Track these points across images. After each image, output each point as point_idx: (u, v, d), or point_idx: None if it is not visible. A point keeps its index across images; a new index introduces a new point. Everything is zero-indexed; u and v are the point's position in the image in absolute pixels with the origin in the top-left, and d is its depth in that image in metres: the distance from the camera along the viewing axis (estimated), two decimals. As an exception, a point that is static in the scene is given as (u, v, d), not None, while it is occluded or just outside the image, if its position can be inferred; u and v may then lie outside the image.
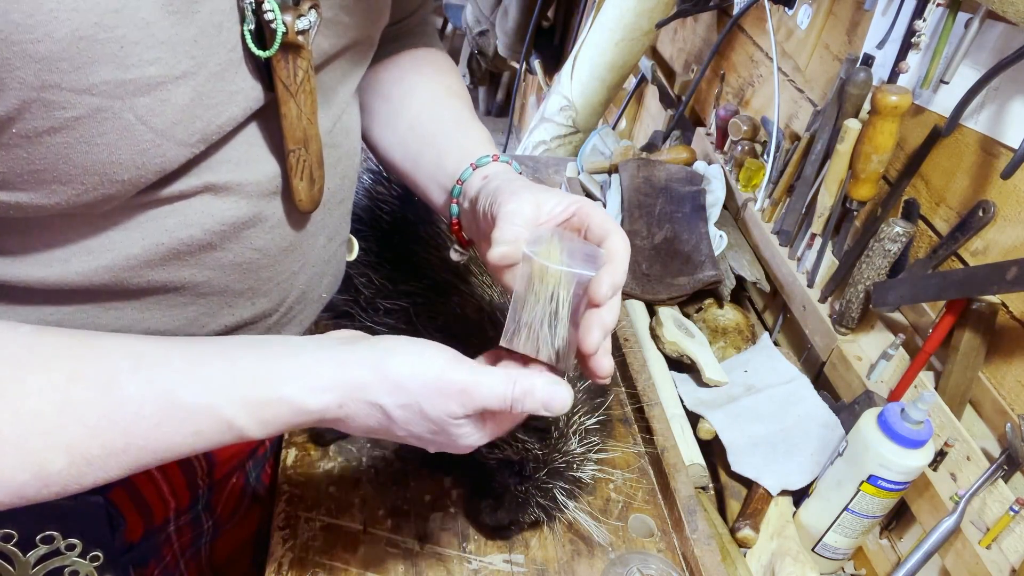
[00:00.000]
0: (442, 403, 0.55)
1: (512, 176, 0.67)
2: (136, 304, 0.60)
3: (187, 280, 0.60)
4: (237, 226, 0.60)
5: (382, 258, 0.91)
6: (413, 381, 0.55)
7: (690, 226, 1.23)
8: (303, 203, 0.63)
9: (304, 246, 0.69)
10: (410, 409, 0.55)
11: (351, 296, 0.94)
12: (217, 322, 0.65)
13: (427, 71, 0.82)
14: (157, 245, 0.57)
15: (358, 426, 0.57)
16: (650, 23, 1.68)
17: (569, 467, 0.78)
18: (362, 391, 0.55)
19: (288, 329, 0.73)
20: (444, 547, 0.79)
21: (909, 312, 1.00)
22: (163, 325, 0.62)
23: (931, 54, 0.93)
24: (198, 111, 0.51)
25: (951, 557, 0.80)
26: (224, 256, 0.61)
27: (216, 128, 0.54)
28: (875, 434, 0.82)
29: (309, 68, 0.56)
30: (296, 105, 0.57)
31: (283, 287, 0.69)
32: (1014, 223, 0.84)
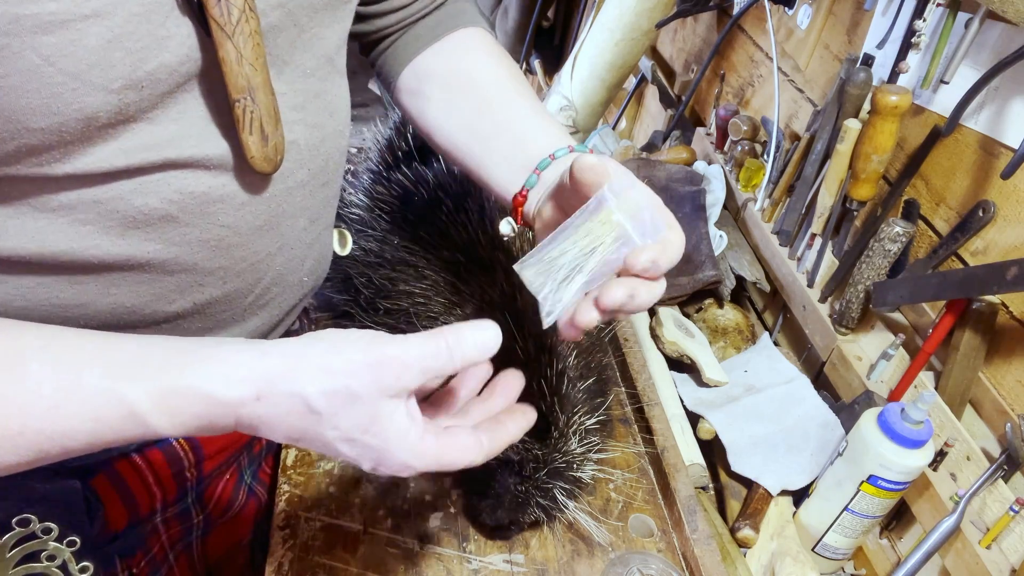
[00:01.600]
0: (373, 378, 0.50)
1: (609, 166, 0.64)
2: (99, 279, 0.58)
3: (152, 256, 0.59)
4: (199, 199, 0.59)
5: (382, 258, 0.91)
6: (339, 359, 0.50)
7: (690, 226, 1.23)
8: (255, 160, 0.58)
9: (282, 226, 0.67)
10: (338, 396, 0.50)
11: (351, 296, 0.94)
12: (186, 299, 0.63)
13: (482, 56, 0.80)
14: (112, 212, 0.55)
15: (280, 428, 0.51)
16: (650, 23, 1.68)
17: (569, 467, 0.78)
18: (282, 380, 0.50)
19: (264, 312, 0.72)
20: (444, 547, 0.79)
21: (909, 312, 1.00)
22: (128, 300, 0.61)
23: (931, 54, 0.93)
24: (117, 54, 0.49)
25: (951, 557, 0.80)
26: (190, 232, 0.60)
27: (145, 75, 0.51)
28: (875, 434, 0.82)
29: (248, 8, 0.53)
30: (234, 47, 0.53)
31: (258, 268, 0.67)
32: (1014, 223, 0.84)
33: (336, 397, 0.50)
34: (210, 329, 0.68)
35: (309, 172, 0.67)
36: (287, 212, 0.67)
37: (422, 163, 1.04)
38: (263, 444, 0.89)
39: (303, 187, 0.67)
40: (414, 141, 1.07)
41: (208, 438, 0.78)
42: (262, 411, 0.50)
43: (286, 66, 0.62)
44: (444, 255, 0.87)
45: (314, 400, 0.50)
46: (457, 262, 0.86)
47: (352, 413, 0.50)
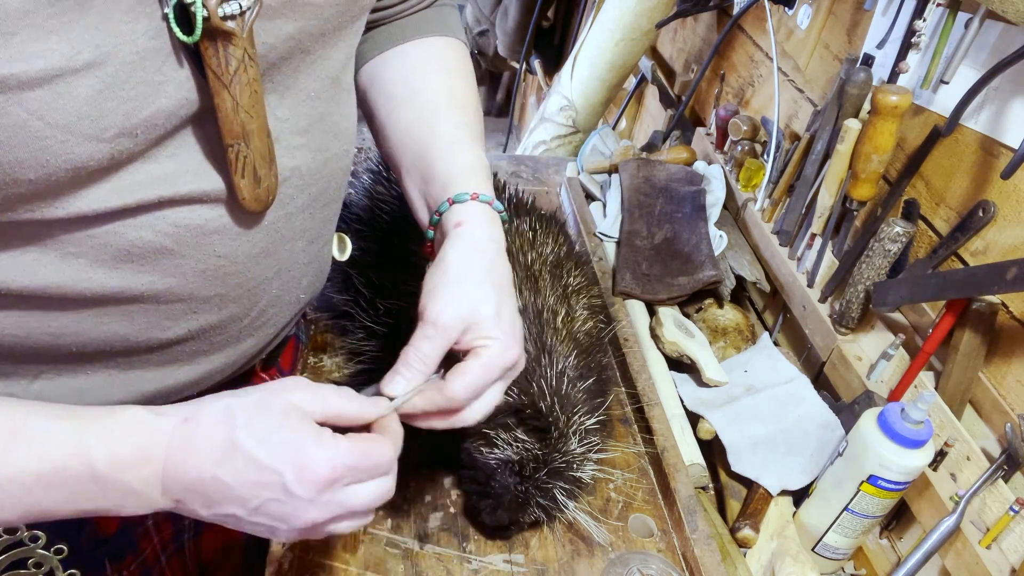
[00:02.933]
0: (286, 396, 0.55)
1: (463, 255, 0.66)
2: (92, 309, 0.58)
3: (146, 288, 0.59)
4: (195, 231, 0.58)
5: (382, 258, 0.91)
6: (254, 388, 0.56)
7: (690, 226, 1.23)
8: (247, 202, 0.59)
9: (280, 251, 0.67)
10: (254, 405, 0.54)
11: (351, 296, 0.94)
12: (180, 326, 0.63)
13: (432, 70, 0.79)
14: (105, 246, 0.55)
15: (204, 447, 0.53)
16: (650, 23, 1.68)
17: (569, 467, 0.78)
18: (207, 402, 0.55)
19: (260, 332, 0.72)
20: (444, 547, 0.79)
21: (909, 312, 1.00)
22: (122, 329, 0.60)
23: (931, 54, 0.93)
24: (110, 104, 0.48)
25: (951, 557, 0.80)
26: (185, 263, 0.59)
27: (140, 121, 0.50)
28: (875, 434, 0.82)
29: (246, 57, 0.53)
30: (231, 96, 0.53)
31: (254, 292, 0.67)
32: (1014, 223, 0.84)
33: (253, 405, 0.54)
34: (204, 352, 0.68)
35: (310, 196, 0.67)
36: (285, 237, 0.67)
37: (422, 163, 1.04)
38: None
39: (303, 211, 0.67)
40: (414, 141, 1.07)
41: None
42: (187, 434, 0.53)
43: (289, 91, 0.61)
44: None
45: (234, 407, 0.54)
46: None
47: (265, 417, 0.54)
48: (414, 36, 0.80)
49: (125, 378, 0.64)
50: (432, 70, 0.79)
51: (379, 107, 0.78)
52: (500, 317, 0.63)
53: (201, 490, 0.53)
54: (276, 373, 0.86)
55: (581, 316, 0.89)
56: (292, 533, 0.56)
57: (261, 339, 0.72)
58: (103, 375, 0.63)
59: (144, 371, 0.65)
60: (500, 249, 0.69)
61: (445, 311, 0.62)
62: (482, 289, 0.63)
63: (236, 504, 0.54)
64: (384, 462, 0.57)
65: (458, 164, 0.72)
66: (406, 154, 0.75)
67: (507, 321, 0.64)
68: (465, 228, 0.67)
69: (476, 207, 0.68)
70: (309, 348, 0.98)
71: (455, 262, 0.64)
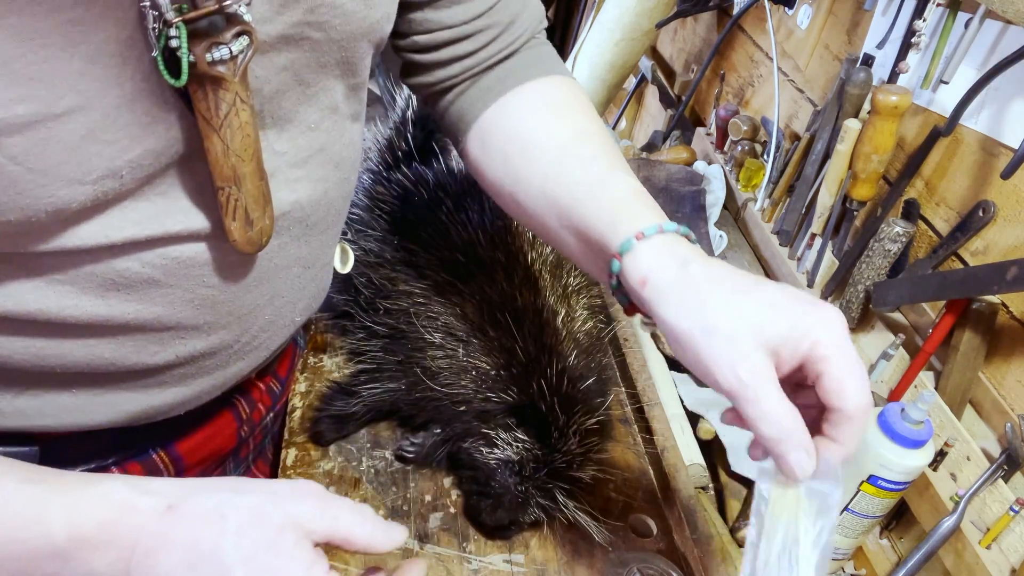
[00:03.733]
0: (288, 505, 0.50)
1: (682, 280, 0.53)
2: (78, 335, 0.57)
3: (132, 316, 0.57)
4: (184, 263, 0.57)
5: (382, 258, 0.91)
6: (259, 483, 0.52)
7: (690, 226, 1.22)
8: (239, 244, 0.57)
9: (273, 279, 0.65)
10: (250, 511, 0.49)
11: (351, 296, 0.94)
12: (168, 352, 0.62)
13: (548, 115, 0.70)
14: (91, 276, 0.54)
15: (179, 546, 0.48)
16: (650, 23, 1.68)
17: (569, 467, 0.78)
18: (197, 491, 0.51)
19: (253, 355, 0.70)
20: (444, 547, 0.79)
21: (909, 312, 1.00)
22: (108, 353, 0.59)
23: (931, 54, 0.93)
24: (93, 148, 0.47)
25: (951, 557, 0.80)
26: (173, 292, 0.58)
27: (125, 163, 0.49)
28: (875, 434, 0.82)
29: (238, 100, 0.51)
30: (220, 140, 0.52)
31: (245, 320, 0.65)
32: (1014, 223, 0.84)
33: (248, 511, 0.49)
34: (193, 376, 0.66)
35: (307, 226, 0.65)
36: (279, 266, 0.65)
37: (422, 163, 1.04)
38: (250, 448, 0.88)
39: (298, 240, 0.65)
40: (414, 141, 1.07)
41: (191, 450, 0.76)
42: (167, 524, 0.49)
43: (289, 124, 0.60)
44: (444, 255, 0.87)
45: (227, 507, 0.49)
46: (457, 262, 0.86)
47: (258, 530, 0.49)
48: (515, 84, 0.72)
49: (111, 398, 0.63)
50: (548, 115, 0.70)
51: (499, 174, 0.70)
52: (796, 297, 0.51)
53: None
54: (271, 379, 0.86)
55: (581, 316, 0.89)
56: None
57: (253, 361, 0.71)
58: (88, 394, 0.62)
59: (131, 392, 0.64)
60: (706, 265, 0.54)
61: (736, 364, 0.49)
62: (730, 310, 0.51)
63: None
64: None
65: (608, 203, 0.60)
66: (548, 216, 0.65)
67: (805, 302, 0.51)
68: (651, 282, 0.54)
69: (648, 251, 0.56)
70: (309, 348, 0.98)
71: (674, 327, 0.52)
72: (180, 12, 0.46)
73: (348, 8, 0.57)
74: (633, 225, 0.57)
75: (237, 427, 0.80)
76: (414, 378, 0.83)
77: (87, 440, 0.65)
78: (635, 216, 0.58)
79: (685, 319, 0.52)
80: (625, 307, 0.60)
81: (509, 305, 0.82)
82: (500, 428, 0.78)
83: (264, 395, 0.84)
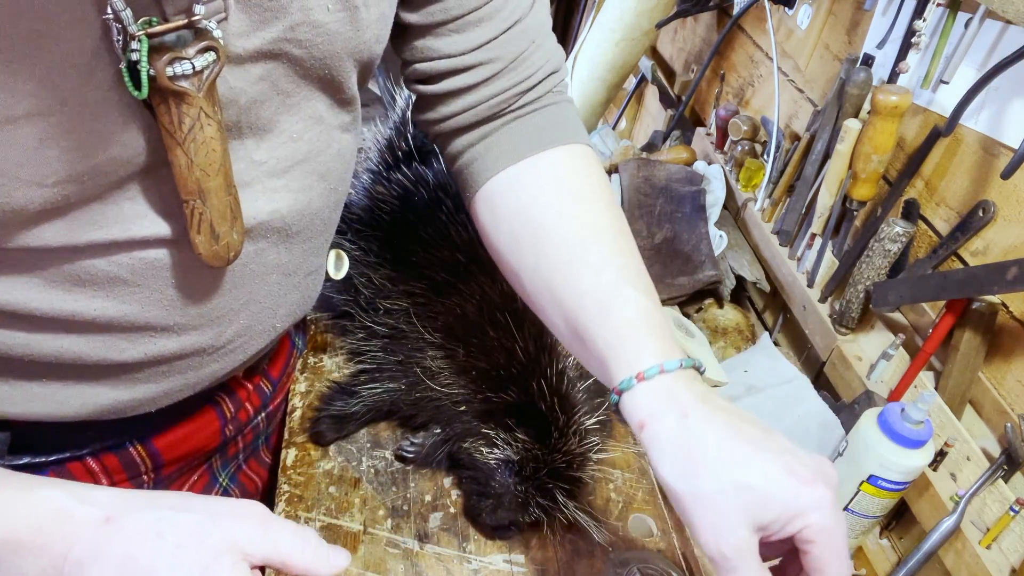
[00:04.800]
0: (229, 524, 0.49)
1: (679, 434, 0.54)
2: (45, 330, 0.57)
3: (98, 313, 0.57)
4: (151, 265, 0.57)
5: (382, 258, 0.91)
6: (199, 500, 0.52)
7: (690, 226, 1.23)
8: (205, 257, 0.56)
9: (249, 285, 0.64)
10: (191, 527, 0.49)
11: (351, 296, 0.94)
12: (137, 350, 0.61)
13: (561, 200, 0.67)
14: (57, 272, 0.53)
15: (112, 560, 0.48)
16: (650, 23, 1.68)
17: (569, 467, 0.78)
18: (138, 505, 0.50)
19: (228, 359, 0.69)
20: (444, 547, 0.79)
21: (909, 312, 1.00)
22: (75, 348, 0.59)
23: (931, 54, 0.93)
24: (51, 153, 0.47)
25: (951, 557, 0.80)
26: (140, 292, 0.58)
27: (88, 168, 0.49)
28: (875, 434, 0.82)
29: (203, 115, 0.50)
30: (184, 154, 0.51)
31: (219, 323, 0.64)
32: (1014, 223, 0.84)
33: (187, 530, 0.49)
34: (164, 374, 0.65)
35: (287, 235, 0.64)
36: (255, 272, 0.64)
37: (422, 163, 1.04)
38: (239, 447, 0.87)
39: (277, 247, 0.64)
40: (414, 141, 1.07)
41: (170, 446, 0.75)
42: (103, 537, 0.48)
43: (268, 133, 0.59)
44: (444, 255, 0.87)
45: (166, 524, 0.49)
46: (457, 262, 0.86)
47: (196, 551, 0.48)
48: (530, 152, 0.69)
49: (80, 390, 0.63)
50: (562, 202, 0.67)
51: (505, 249, 0.69)
52: (791, 472, 0.51)
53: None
54: (261, 380, 0.85)
55: (581, 316, 0.89)
56: None
57: (228, 364, 0.70)
58: (57, 385, 0.62)
59: (100, 386, 0.63)
60: (706, 419, 0.54)
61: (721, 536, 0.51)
62: (722, 481, 0.51)
63: None
64: None
65: (613, 327, 0.59)
66: (553, 313, 0.65)
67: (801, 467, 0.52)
68: (649, 429, 0.55)
69: (647, 394, 0.55)
70: (309, 348, 0.98)
71: (669, 485, 0.53)
72: (149, 25, 0.47)
73: (332, 29, 0.57)
74: (635, 363, 0.57)
75: (220, 426, 0.80)
76: (414, 378, 0.83)
77: (61, 429, 0.65)
78: (638, 352, 0.57)
79: (679, 480, 0.53)
80: None
81: (509, 305, 0.82)
82: (500, 428, 0.78)
83: (252, 395, 0.84)
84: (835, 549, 0.50)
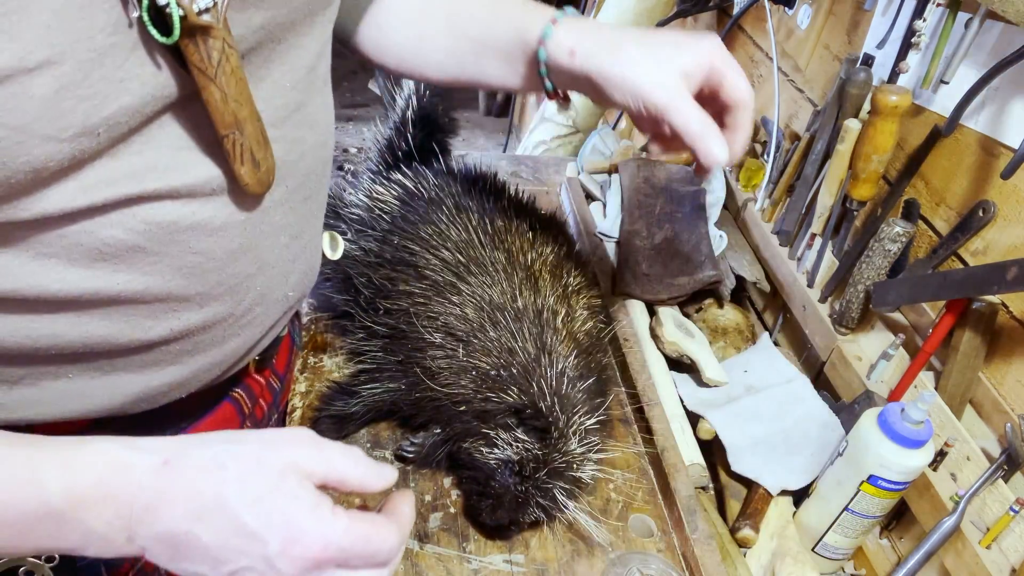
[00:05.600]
0: (284, 450, 0.51)
1: (602, 39, 0.70)
2: (69, 312, 0.57)
3: (122, 287, 0.57)
4: (167, 228, 0.57)
5: (382, 258, 0.91)
6: (249, 433, 0.54)
7: (690, 226, 1.23)
8: (251, 187, 0.58)
9: (260, 247, 0.65)
10: (247, 458, 0.50)
11: (351, 296, 0.94)
12: (162, 326, 0.61)
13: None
14: (76, 246, 0.53)
15: (180, 500, 0.49)
16: (650, 23, 1.68)
17: (569, 467, 0.78)
18: (193, 445, 0.51)
19: (247, 331, 0.69)
20: (444, 547, 0.79)
21: (909, 312, 1.00)
22: (101, 331, 0.59)
23: (931, 54, 0.93)
24: (67, 103, 0.47)
25: (951, 557, 0.80)
26: (160, 260, 0.58)
27: (101, 120, 0.49)
28: (875, 434, 0.82)
29: (226, 47, 0.52)
30: (218, 88, 0.52)
31: (237, 290, 0.64)
32: (1014, 223, 0.84)
33: (247, 459, 0.50)
34: (189, 352, 0.66)
35: (287, 189, 0.65)
36: (265, 232, 0.65)
37: (422, 163, 1.04)
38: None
39: (281, 205, 0.65)
40: (414, 141, 1.07)
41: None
42: (165, 480, 0.49)
43: (262, 82, 0.60)
44: (444, 255, 0.87)
45: (226, 457, 0.50)
46: (457, 262, 0.86)
47: (260, 475, 0.50)
48: None
49: (108, 381, 0.63)
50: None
51: (402, 42, 0.79)
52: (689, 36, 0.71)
53: (171, 543, 0.50)
54: (270, 375, 0.85)
55: (581, 316, 0.89)
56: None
57: (248, 339, 0.71)
58: (85, 378, 0.62)
59: (127, 373, 0.63)
60: (612, 27, 0.72)
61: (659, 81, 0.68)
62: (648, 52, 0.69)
63: (207, 565, 0.50)
64: (384, 551, 0.53)
65: (508, 13, 0.74)
66: (463, 53, 0.77)
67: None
68: (579, 48, 0.70)
69: (564, 30, 0.71)
70: (309, 348, 0.98)
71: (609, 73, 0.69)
72: None
73: None
74: (543, 17, 0.71)
75: (240, 422, 0.80)
76: (414, 378, 0.83)
77: (88, 429, 0.65)
78: (539, 11, 0.72)
79: (616, 65, 0.69)
80: (549, 93, 0.74)
81: (509, 305, 0.82)
82: (500, 428, 0.78)
83: (265, 391, 0.84)
84: (740, 73, 0.71)
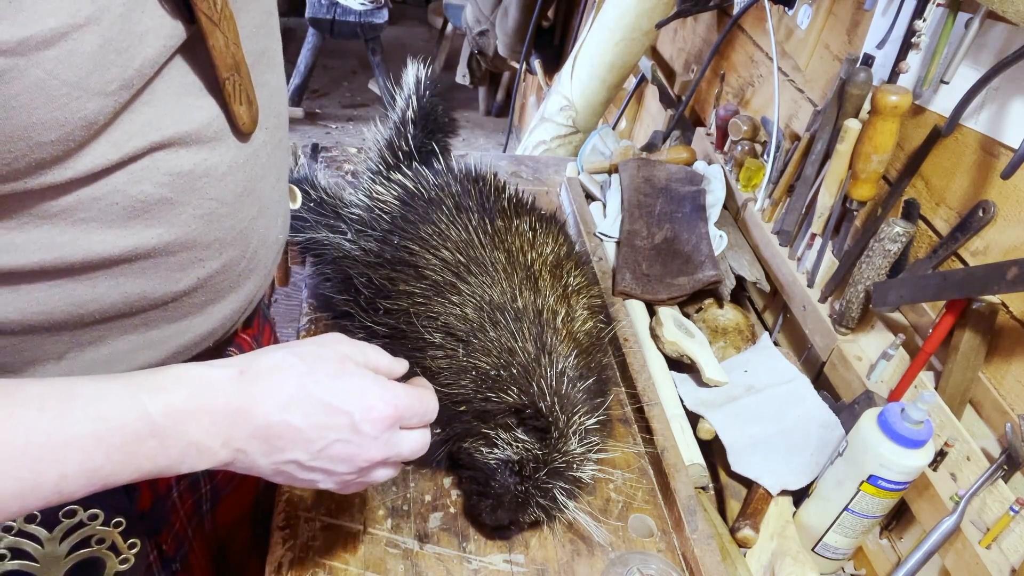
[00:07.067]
0: (336, 344, 0.60)
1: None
2: (109, 272, 0.60)
3: (156, 241, 0.61)
4: (186, 176, 0.60)
5: (382, 258, 0.91)
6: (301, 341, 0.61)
7: (690, 226, 1.23)
8: (246, 125, 0.64)
9: (257, 189, 0.69)
10: (310, 352, 0.59)
11: (351, 296, 0.94)
12: (190, 276, 0.66)
13: None
14: (112, 206, 0.57)
15: (271, 392, 0.56)
16: (650, 23, 1.68)
17: (569, 467, 0.78)
18: (261, 354, 0.58)
19: (255, 274, 0.74)
20: (444, 547, 0.79)
21: (909, 312, 1.00)
22: (138, 287, 0.62)
23: (931, 54, 0.93)
24: (110, 57, 0.50)
25: (951, 557, 0.80)
26: (184, 210, 0.62)
27: (135, 72, 0.52)
28: (875, 434, 0.82)
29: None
30: (222, 34, 0.57)
31: (246, 234, 0.69)
32: (1014, 223, 0.84)
33: (309, 355, 0.59)
34: (212, 301, 0.70)
35: (267, 131, 0.69)
36: (259, 175, 0.69)
37: (422, 163, 1.04)
38: None
39: (265, 147, 0.69)
40: (414, 141, 1.07)
41: None
42: (247, 384, 0.56)
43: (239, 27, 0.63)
44: (444, 255, 0.87)
45: (292, 356, 0.58)
46: (457, 262, 0.86)
47: (326, 364, 0.59)
48: None
49: (145, 340, 0.66)
50: None
51: None
52: None
53: (266, 436, 0.56)
54: (252, 335, 0.87)
55: (581, 316, 0.89)
56: (343, 478, 0.61)
57: (256, 281, 0.75)
58: (124, 342, 0.65)
59: (162, 330, 0.67)
60: None
61: None
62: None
63: (301, 448, 0.57)
64: (431, 409, 0.65)
65: None
66: None
67: None
68: None
69: None
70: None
71: None
72: None
73: None
74: None
75: None
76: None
77: None
78: None
79: None
80: None
81: (509, 305, 0.82)
82: (500, 428, 0.78)
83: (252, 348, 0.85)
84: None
